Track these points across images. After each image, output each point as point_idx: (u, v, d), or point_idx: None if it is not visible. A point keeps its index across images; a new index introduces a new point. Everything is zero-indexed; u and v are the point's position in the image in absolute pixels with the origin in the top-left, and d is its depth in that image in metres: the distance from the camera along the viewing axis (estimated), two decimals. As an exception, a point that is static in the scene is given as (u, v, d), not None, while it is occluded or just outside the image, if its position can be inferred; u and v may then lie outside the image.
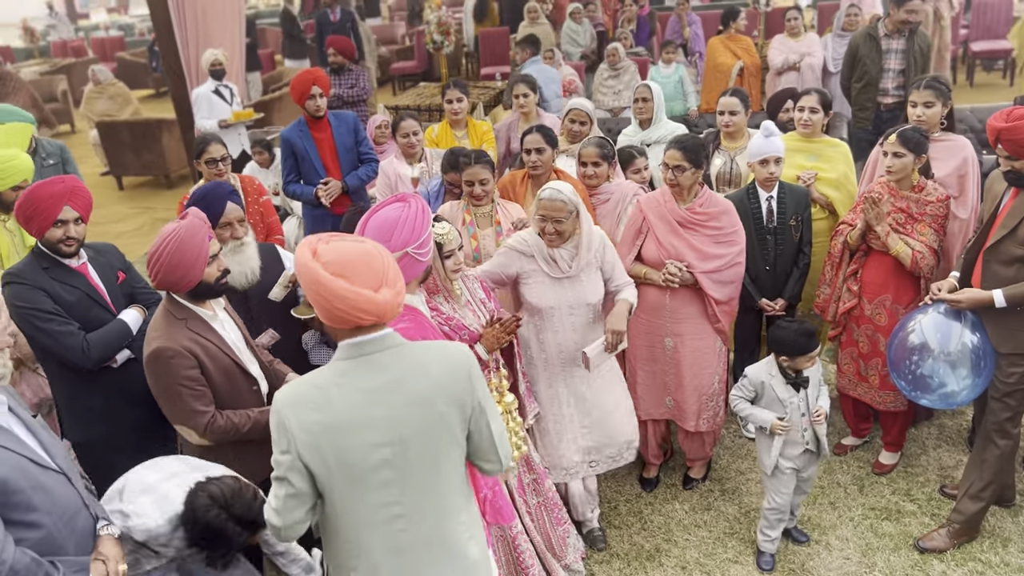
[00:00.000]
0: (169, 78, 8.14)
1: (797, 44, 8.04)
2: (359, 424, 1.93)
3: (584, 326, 3.47)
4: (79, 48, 17.76)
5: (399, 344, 2.01)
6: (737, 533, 3.84)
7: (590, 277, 3.44)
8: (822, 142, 4.51)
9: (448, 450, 2.04)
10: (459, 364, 2.05)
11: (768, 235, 4.16)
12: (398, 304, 1.95)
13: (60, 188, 3.08)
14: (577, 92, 8.44)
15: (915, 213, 3.78)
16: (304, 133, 4.99)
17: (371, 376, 1.95)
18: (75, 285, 3.16)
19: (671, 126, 5.12)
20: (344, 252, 1.92)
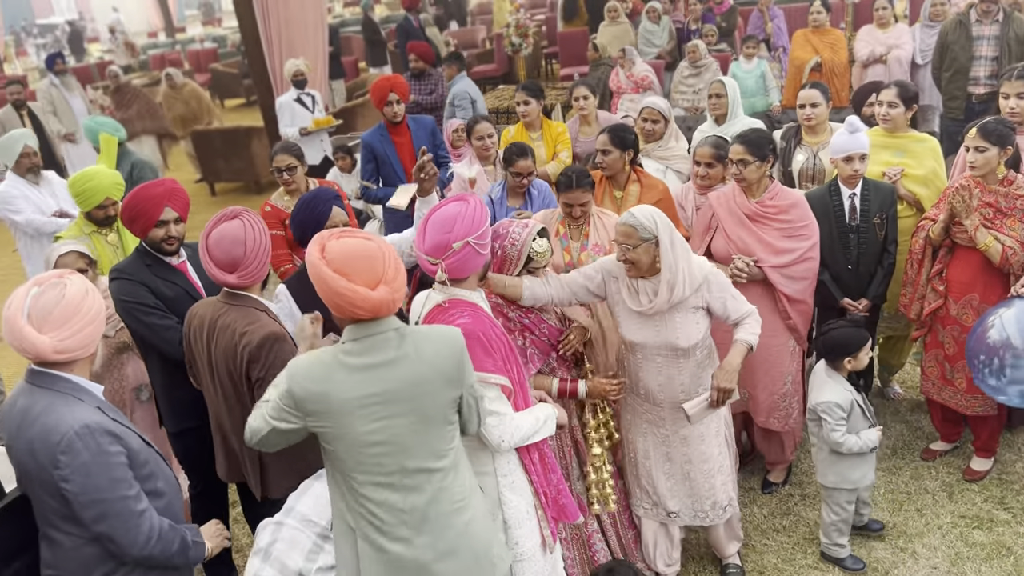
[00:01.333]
0: (257, 87, 8.44)
1: (885, 36, 7.76)
2: (356, 400, 2.14)
3: (672, 369, 3.17)
4: (176, 60, 18.54)
5: (397, 327, 2.20)
6: (817, 539, 3.74)
7: (684, 318, 3.09)
8: (908, 137, 4.35)
9: (439, 423, 2.24)
10: (452, 348, 2.25)
11: (850, 233, 4.04)
12: (393, 301, 2.12)
13: (160, 191, 3.27)
14: (651, 89, 8.36)
15: (1004, 208, 3.62)
16: (384, 137, 5.10)
17: (369, 356, 2.15)
18: (175, 281, 3.34)
19: (747, 122, 5.02)
20: (348, 250, 2.12)
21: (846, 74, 7.97)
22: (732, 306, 3.13)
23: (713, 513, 3.37)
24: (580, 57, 12.25)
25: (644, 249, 3.01)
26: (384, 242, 2.19)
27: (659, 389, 3.21)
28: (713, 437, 3.30)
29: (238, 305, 2.92)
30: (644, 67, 8.46)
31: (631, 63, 8.41)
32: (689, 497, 3.35)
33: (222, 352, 2.90)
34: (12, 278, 8.26)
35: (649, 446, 3.35)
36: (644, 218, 3.02)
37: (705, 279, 3.10)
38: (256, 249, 2.89)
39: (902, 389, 4.80)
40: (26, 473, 2.26)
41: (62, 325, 2.19)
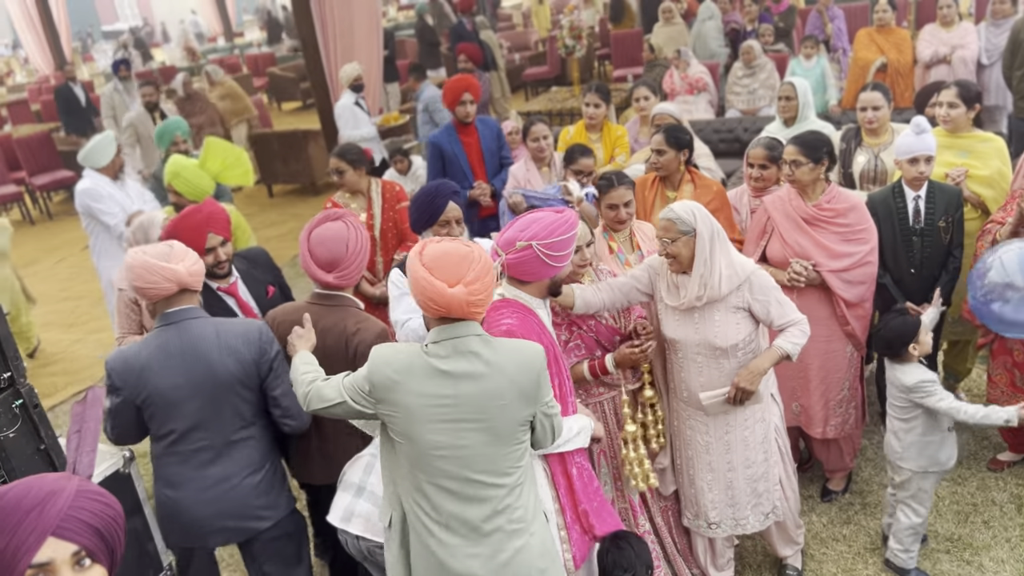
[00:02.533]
0: (314, 91, 8.57)
1: (949, 35, 7.55)
2: (429, 399, 2.19)
3: (712, 370, 3.12)
4: (234, 65, 18.93)
5: (482, 335, 2.25)
6: (879, 549, 3.66)
7: (724, 318, 3.05)
8: (973, 137, 4.24)
9: (506, 439, 2.25)
10: (534, 363, 2.27)
11: (914, 236, 3.95)
12: (471, 304, 2.17)
13: (199, 218, 3.15)
14: (706, 91, 8.28)
15: None
16: (453, 138, 5.15)
17: (451, 361, 2.20)
18: (221, 310, 3.26)
19: (817, 124, 4.93)
20: (441, 250, 2.21)
21: (911, 74, 7.78)
22: (776, 312, 3.06)
23: (755, 520, 3.31)
24: (633, 58, 12.20)
25: (684, 243, 3.00)
26: (482, 250, 2.26)
27: (699, 391, 3.15)
28: (758, 444, 3.23)
29: (337, 306, 2.98)
30: (699, 68, 8.39)
31: (686, 64, 8.35)
32: (730, 507, 3.28)
33: (333, 351, 2.90)
34: (83, 274, 8.54)
35: (692, 454, 3.30)
36: (683, 212, 3.01)
37: (747, 279, 3.04)
38: (356, 251, 2.99)
39: (967, 397, 4.67)
40: (219, 385, 2.71)
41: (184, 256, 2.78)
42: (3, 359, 2.11)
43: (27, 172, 11.41)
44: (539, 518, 2.38)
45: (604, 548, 2.79)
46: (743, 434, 3.21)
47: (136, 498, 2.86)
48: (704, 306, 3.05)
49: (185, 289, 2.72)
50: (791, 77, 5.18)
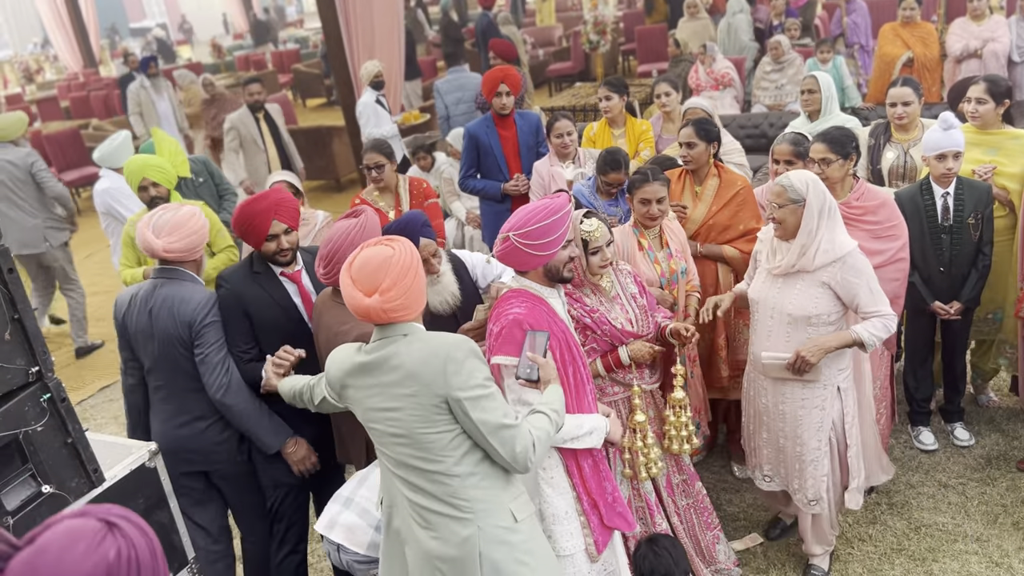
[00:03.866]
0: (338, 87, 8.61)
1: (979, 29, 7.43)
2: (364, 392, 2.37)
3: (779, 336, 3.20)
4: (260, 62, 19.07)
5: (410, 332, 2.33)
6: (905, 550, 3.62)
7: (805, 288, 3.13)
8: (1002, 134, 4.16)
9: (432, 430, 2.28)
10: (438, 353, 2.27)
11: (943, 234, 3.89)
12: (388, 311, 2.24)
13: (265, 204, 3.14)
14: (732, 86, 8.22)
15: None
16: (491, 130, 5.13)
17: (375, 352, 2.32)
18: (278, 301, 3.21)
19: (842, 118, 4.87)
20: (363, 258, 2.28)
21: (938, 69, 7.66)
22: (865, 298, 3.10)
23: (800, 497, 3.37)
24: (658, 53, 12.13)
25: (791, 211, 3.10)
26: (404, 250, 2.30)
27: (759, 352, 3.26)
28: (813, 428, 3.26)
29: (339, 302, 3.01)
30: (725, 63, 8.32)
31: (712, 59, 8.28)
32: (783, 465, 3.41)
33: (324, 346, 3.04)
34: (111, 269, 8.64)
35: (754, 412, 3.45)
36: (797, 181, 3.10)
37: (843, 258, 3.09)
38: (337, 249, 3.00)
39: (997, 396, 4.60)
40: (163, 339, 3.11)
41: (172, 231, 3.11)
42: (31, 354, 2.13)
43: (56, 168, 11.56)
44: (494, 514, 2.34)
45: (641, 553, 2.78)
46: (796, 411, 3.27)
47: (161, 492, 2.88)
48: (792, 273, 3.15)
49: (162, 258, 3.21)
50: (814, 71, 5.11)
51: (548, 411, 2.44)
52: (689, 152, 3.97)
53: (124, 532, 1.30)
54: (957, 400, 4.34)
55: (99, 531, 1.28)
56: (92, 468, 2.35)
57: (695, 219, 3.93)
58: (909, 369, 4.29)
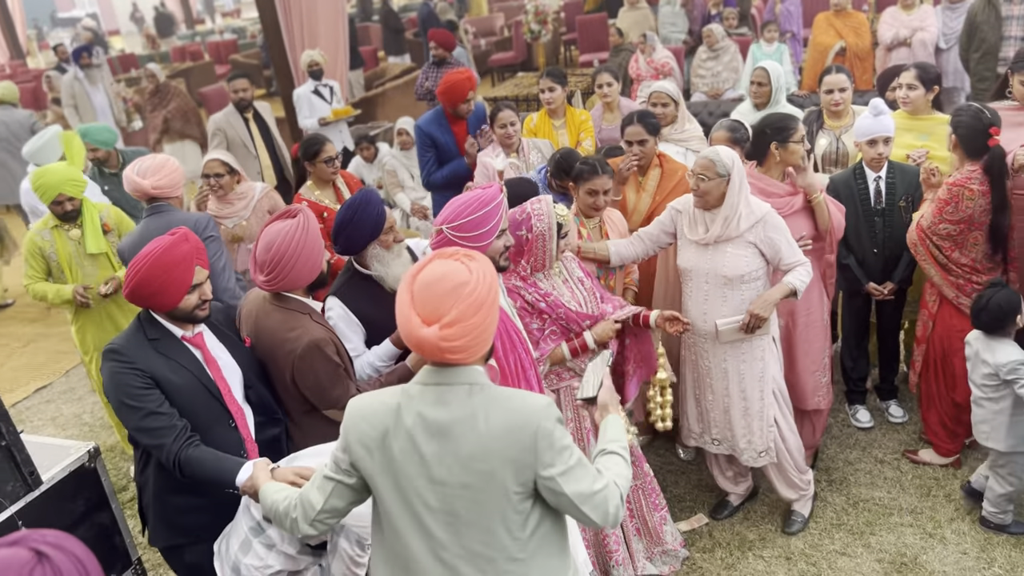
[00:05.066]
0: (278, 78, 8.47)
1: (909, 18, 7.64)
2: (410, 454, 1.86)
3: (716, 299, 3.40)
4: (196, 52, 18.64)
5: (477, 383, 1.88)
6: (844, 524, 3.74)
7: (736, 251, 3.34)
8: (932, 119, 4.30)
9: (502, 509, 1.87)
10: (526, 424, 1.84)
11: (876, 217, 4.02)
12: (443, 349, 1.81)
13: (187, 248, 2.58)
14: (671, 76, 8.31)
15: None
16: (444, 127, 5.10)
17: (433, 409, 1.86)
18: (185, 365, 2.63)
19: (788, 109, 4.97)
20: (437, 274, 1.85)
21: (869, 58, 7.87)
22: (786, 251, 3.36)
23: (748, 454, 3.56)
24: (599, 43, 12.19)
25: (716, 184, 3.28)
26: (484, 277, 1.86)
27: (702, 318, 3.43)
28: (755, 381, 3.47)
29: (281, 306, 2.83)
30: (665, 53, 8.42)
31: (652, 49, 8.37)
32: (728, 429, 3.57)
33: (266, 354, 2.83)
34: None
35: (697, 377, 3.59)
36: (725, 156, 3.28)
37: (763, 218, 3.33)
38: (280, 256, 2.75)
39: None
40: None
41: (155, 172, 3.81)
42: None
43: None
44: None
45: None
46: (739, 366, 3.47)
47: (102, 492, 2.82)
48: (721, 239, 3.34)
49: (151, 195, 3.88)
50: (764, 62, 5.20)
51: (620, 451, 2.09)
52: (643, 148, 4.00)
53: (54, 562, 1.27)
54: (891, 378, 4.48)
55: (28, 563, 1.26)
56: (28, 471, 2.30)
57: (640, 210, 3.98)
58: (845, 350, 4.42)
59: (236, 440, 2.68)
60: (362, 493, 1.99)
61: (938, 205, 3.65)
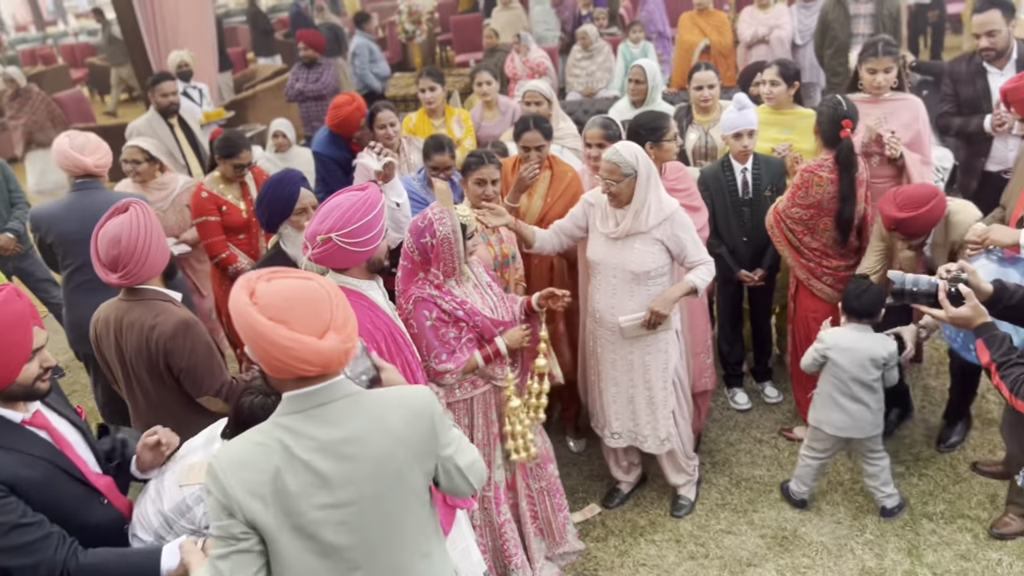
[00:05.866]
0: (140, 82, 8.08)
1: (766, 16, 8.01)
2: (310, 486, 1.73)
3: (624, 293, 3.47)
4: (48, 56, 17.55)
5: (352, 393, 1.82)
6: (729, 504, 3.88)
7: (643, 247, 3.42)
8: (794, 114, 4.53)
9: (411, 506, 1.88)
10: (423, 412, 1.88)
11: (744, 207, 4.19)
12: (347, 351, 1.76)
13: (21, 306, 2.10)
14: (547, 75, 8.42)
15: None
16: (341, 145, 4.95)
17: (322, 431, 1.76)
18: (34, 453, 2.13)
19: (664, 106, 5.13)
20: (285, 292, 1.73)
21: (732, 55, 8.19)
22: (691, 249, 3.46)
23: (652, 442, 3.66)
24: (474, 43, 12.22)
25: (627, 183, 3.35)
26: (325, 280, 1.82)
27: (608, 311, 3.51)
28: (659, 372, 3.58)
29: (140, 300, 2.84)
30: (540, 53, 8.50)
31: (526, 49, 8.44)
32: (631, 420, 3.66)
33: (135, 351, 2.83)
34: None
35: (601, 369, 3.66)
36: (628, 155, 3.33)
37: (671, 215, 3.41)
38: (132, 248, 2.75)
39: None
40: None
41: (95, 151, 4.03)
42: None
43: None
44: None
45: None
46: (644, 358, 3.56)
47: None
48: (629, 234, 3.41)
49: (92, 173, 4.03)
50: (641, 60, 5.34)
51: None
52: (539, 154, 4.00)
53: None
54: (765, 361, 4.69)
55: None
56: None
57: (532, 213, 4.01)
58: (721, 335, 4.60)
59: (115, 516, 2.32)
60: (265, 555, 1.77)
61: (792, 190, 3.86)
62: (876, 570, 3.42)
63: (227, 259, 4.36)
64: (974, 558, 3.41)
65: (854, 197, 3.75)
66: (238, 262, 4.38)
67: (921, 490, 3.81)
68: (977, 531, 3.54)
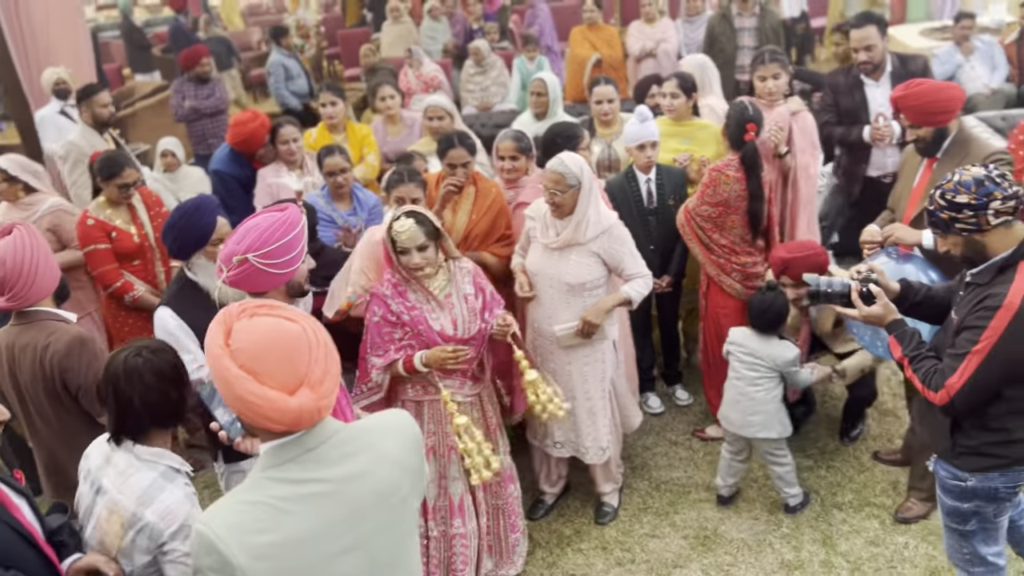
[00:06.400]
0: (11, 102, 7.59)
1: (652, 30, 8.25)
2: (317, 536, 1.62)
3: (560, 304, 3.52)
4: None
5: (339, 430, 1.69)
6: (651, 507, 3.95)
7: (579, 259, 3.47)
8: (692, 125, 4.68)
9: (411, 532, 1.83)
10: (412, 436, 1.81)
11: (649, 216, 4.30)
12: (321, 408, 1.61)
13: None
14: (441, 89, 8.41)
15: None
16: (243, 163, 4.76)
17: (323, 473, 1.64)
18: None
19: (566, 118, 5.18)
20: (261, 338, 1.58)
21: (622, 68, 8.41)
22: (628, 263, 3.53)
23: (593, 452, 3.70)
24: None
25: (571, 194, 3.39)
26: (313, 323, 1.67)
27: (546, 322, 3.57)
28: (597, 382, 3.64)
29: (31, 322, 2.81)
30: (433, 67, 8.48)
31: (419, 63, 8.41)
32: (572, 431, 3.68)
33: (30, 373, 2.77)
34: None
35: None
36: (573, 166, 3.37)
37: (609, 228, 3.49)
38: (18, 268, 2.73)
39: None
40: None
41: None
42: None
43: None
44: None
45: None
46: (582, 369, 3.61)
47: None
48: (567, 247, 3.46)
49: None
50: (542, 73, 5.41)
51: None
52: (465, 171, 3.97)
53: None
54: (675, 364, 4.81)
55: None
56: None
57: (457, 228, 3.98)
58: (634, 342, 4.67)
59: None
60: None
61: (701, 188, 4.01)
62: (795, 562, 3.55)
63: (122, 288, 4.17)
64: (883, 543, 3.59)
65: (763, 195, 3.92)
66: (134, 290, 4.18)
67: (829, 482, 3.99)
68: (883, 517, 3.73)
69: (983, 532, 2.71)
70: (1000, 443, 2.54)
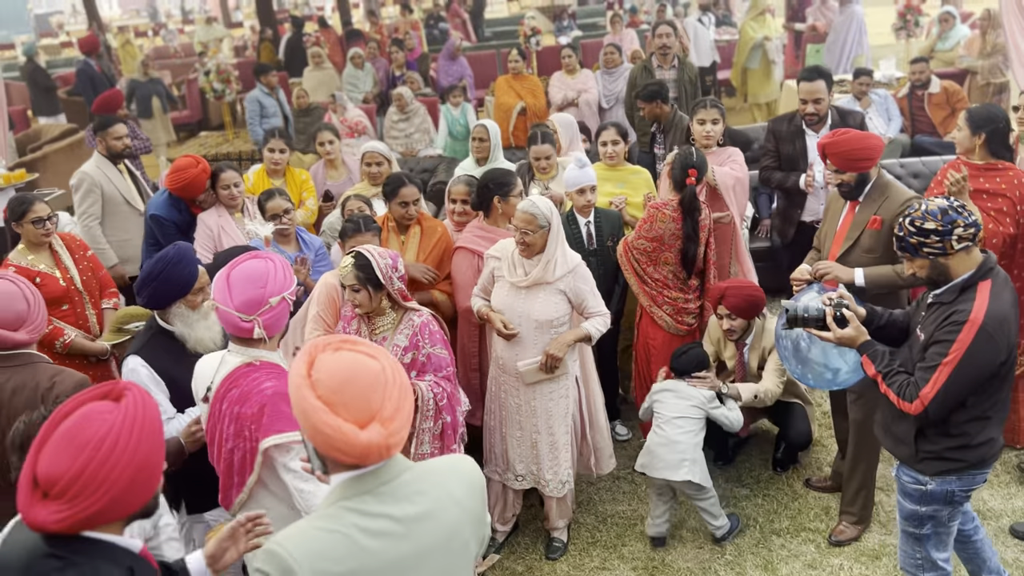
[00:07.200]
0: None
1: (573, 81, 8.58)
2: (385, 573, 1.65)
3: (528, 341, 3.62)
4: None
5: (410, 467, 1.73)
6: (599, 541, 4.04)
7: (547, 297, 3.60)
8: (625, 170, 4.90)
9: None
10: (476, 482, 1.82)
11: (590, 256, 4.44)
12: (390, 446, 1.63)
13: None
14: (366, 134, 8.49)
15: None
16: (182, 207, 4.66)
17: (396, 508, 1.66)
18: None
19: (506, 164, 5.32)
20: (343, 369, 1.63)
21: (545, 115, 8.65)
22: (591, 301, 3.69)
23: (553, 485, 3.78)
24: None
25: (540, 235, 3.52)
26: (393, 361, 1.72)
27: (511, 359, 3.66)
28: (560, 418, 3.75)
29: (23, 364, 2.79)
30: (357, 112, 8.57)
31: (343, 108, 8.47)
32: (534, 463, 3.78)
33: (24, 412, 2.55)
34: None
35: (505, 415, 3.78)
36: (544, 208, 3.52)
37: (575, 268, 3.65)
38: (35, 302, 2.91)
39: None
40: None
41: None
42: None
43: None
44: None
45: None
46: (546, 404, 3.71)
47: None
48: (534, 285, 3.58)
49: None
50: (483, 120, 5.55)
51: None
52: (416, 208, 4.11)
53: None
54: (614, 400, 4.94)
55: None
56: None
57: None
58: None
59: None
60: None
61: (640, 223, 4.21)
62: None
63: (51, 334, 4.04)
64: (820, 566, 3.77)
65: (697, 238, 4.12)
66: (64, 335, 4.06)
67: (767, 509, 4.16)
68: (819, 541, 3.91)
69: (936, 537, 2.95)
70: (960, 447, 2.80)
